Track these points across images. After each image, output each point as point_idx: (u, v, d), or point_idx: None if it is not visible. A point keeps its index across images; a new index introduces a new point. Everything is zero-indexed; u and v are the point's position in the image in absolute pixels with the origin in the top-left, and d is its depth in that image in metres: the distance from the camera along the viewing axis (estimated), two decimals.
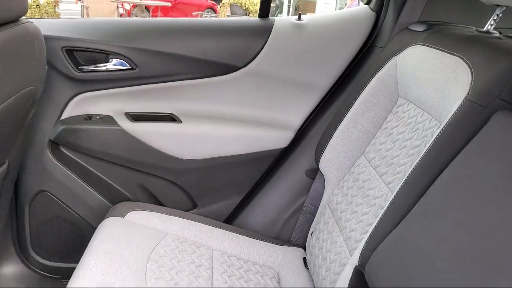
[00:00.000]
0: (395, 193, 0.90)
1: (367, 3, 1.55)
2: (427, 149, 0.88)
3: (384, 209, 0.91)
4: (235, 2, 8.19)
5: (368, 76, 1.29)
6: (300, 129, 1.55)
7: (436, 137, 0.88)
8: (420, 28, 1.23)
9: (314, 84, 1.50)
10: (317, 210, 1.42)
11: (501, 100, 0.82)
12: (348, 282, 0.97)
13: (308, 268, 1.33)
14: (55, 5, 8.53)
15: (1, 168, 1.19)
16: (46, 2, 8.32)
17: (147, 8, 9.63)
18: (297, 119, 1.53)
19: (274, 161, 1.55)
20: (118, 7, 9.54)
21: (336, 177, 1.31)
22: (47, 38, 1.30)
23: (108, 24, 1.46)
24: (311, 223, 1.44)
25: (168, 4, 9.31)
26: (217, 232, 1.38)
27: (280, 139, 1.51)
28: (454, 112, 0.87)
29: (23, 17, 1.13)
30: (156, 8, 9.41)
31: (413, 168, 0.89)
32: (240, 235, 1.41)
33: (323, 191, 1.38)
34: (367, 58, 1.48)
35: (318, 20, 1.53)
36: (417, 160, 0.90)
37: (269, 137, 1.51)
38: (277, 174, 1.55)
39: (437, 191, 0.81)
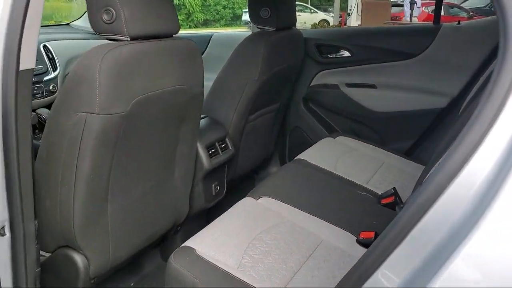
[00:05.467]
0: None
1: None
2: None
3: None
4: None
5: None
6: (457, 96, 2.23)
7: None
8: None
9: (465, 66, 2.18)
10: None
11: None
12: None
13: None
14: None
15: (276, 105, 2.34)
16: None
17: None
18: (455, 89, 2.22)
19: (437, 116, 2.27)
20: None
21: None
22: (306, 39, 2.40)
23: (340, 30, 2.49)
24: None
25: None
26: (395, 157, 2.19)
27: (440, 101, 2.24)
28: None
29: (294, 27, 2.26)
30: None
31: None
32: (412, 162, 2.19)
33: None
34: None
35: (473, 24, 2.21)
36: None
37: (432, 99, 2.26)
38: (443, 123, 2.27)
39: None
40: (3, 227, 1.12)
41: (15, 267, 1.17)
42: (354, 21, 14.20)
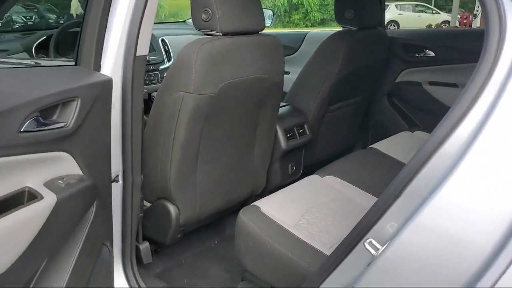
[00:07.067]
0: None
1: None
2: None
3: None
4: None
5: None
6: None
7: None
8: None
9: None
10: None
11: None
12: None
13: None
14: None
15: (357, 98, 2.52)
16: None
17: None
18: None
19: None
20: None
21: None
22: (391, 38, 2.55)
23: (425, 31, 2.61)
24: None
25: None
26: None
27: None
28: None
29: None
30: None
31: None
32: None
33: None
34: None
35: None
36: None
37: None
38: None
39: None
40: (117, 176, 1.49)
41: (124, 208, 1.55)
42: (480, 23, 13.45)
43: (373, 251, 0.95)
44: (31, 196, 1.08)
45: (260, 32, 1.76)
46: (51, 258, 1.17)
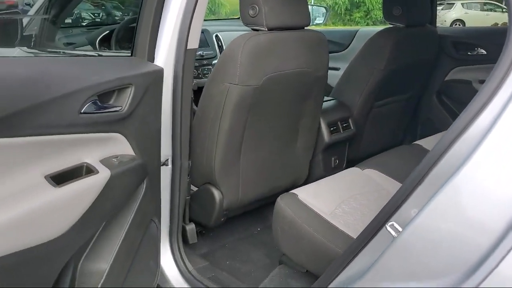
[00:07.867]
0: None
1: None
2: None
3: None
4: None
5: None
6: None
7: None
8: None
9: None
10: None
11: None
12: None
13: None
14: None
15: (405, 95, 2.52)
16: None
17: None
18: None
19: None
20: None
21: None
22: (441, 36, 2.53)
23: (475, 29, 2.57)
24: None
25: None
26: None
27: None
28: None
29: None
30: None
31: None
32: None
33: None
34: None
35: None
36: None
37: None
38: None
39: None
40: (167, 160, 1.62)
41: (172, 190, 1.68)
42: None
43: (393, 233, 1.01)
44: (88, 170, 1.22)
45: (305, 28, 1.83)
46: (106, 226, 1.31)
